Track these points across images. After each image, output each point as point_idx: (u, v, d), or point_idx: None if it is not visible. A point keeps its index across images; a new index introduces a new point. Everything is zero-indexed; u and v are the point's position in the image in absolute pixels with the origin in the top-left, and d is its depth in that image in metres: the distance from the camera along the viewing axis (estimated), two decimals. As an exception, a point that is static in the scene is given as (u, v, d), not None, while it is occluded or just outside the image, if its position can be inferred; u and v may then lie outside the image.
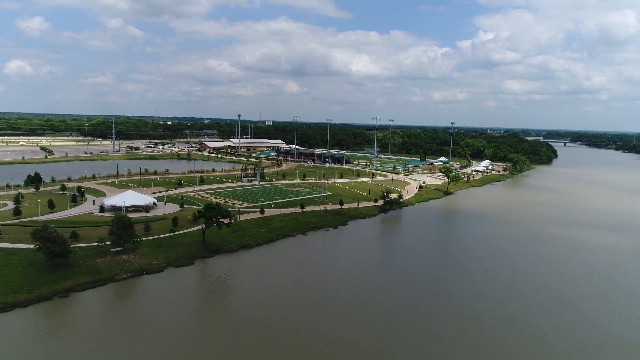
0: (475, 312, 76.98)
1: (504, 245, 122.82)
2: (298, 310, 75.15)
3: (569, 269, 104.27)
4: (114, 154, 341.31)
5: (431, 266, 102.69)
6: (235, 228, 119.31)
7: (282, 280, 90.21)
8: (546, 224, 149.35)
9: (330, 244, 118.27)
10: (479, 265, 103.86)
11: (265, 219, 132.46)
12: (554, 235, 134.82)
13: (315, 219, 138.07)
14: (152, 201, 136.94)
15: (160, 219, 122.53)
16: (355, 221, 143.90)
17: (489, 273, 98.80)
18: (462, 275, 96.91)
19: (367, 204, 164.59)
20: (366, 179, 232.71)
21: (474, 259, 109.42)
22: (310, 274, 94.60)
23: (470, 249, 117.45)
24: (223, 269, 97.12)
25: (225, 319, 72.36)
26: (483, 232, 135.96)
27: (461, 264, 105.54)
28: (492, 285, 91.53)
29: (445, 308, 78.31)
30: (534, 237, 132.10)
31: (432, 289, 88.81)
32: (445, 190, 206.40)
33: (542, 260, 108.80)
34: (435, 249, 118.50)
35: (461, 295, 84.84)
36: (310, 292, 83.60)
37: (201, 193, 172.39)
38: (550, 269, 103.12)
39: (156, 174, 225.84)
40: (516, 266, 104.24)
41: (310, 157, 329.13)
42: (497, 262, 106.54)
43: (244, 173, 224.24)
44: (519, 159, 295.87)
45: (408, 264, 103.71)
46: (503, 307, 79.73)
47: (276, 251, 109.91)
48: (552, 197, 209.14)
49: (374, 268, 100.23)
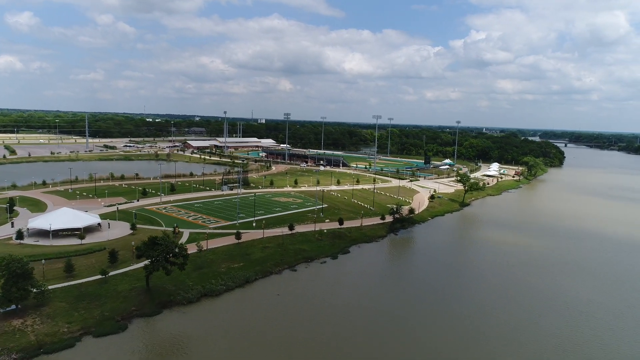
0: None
1: (561, 286, 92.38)
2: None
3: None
4: (85, 154, 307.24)
5: (470, 334, 71.72)
6: (198, 263, 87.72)
7: (260, 353, 59.04)
8: (596, 249, 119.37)
9: (328, 285, 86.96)
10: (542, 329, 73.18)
11: (242, 247, 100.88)
12: (615, 268, 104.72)
13: (308, 245, 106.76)
14: (94, 221, 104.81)
15: (97, 249, 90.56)
16: (359, 247, 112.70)
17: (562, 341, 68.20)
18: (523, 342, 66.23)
19: (372, 221, 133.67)
20: (367, 185, 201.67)
21: (525, 311, 78.73)
22: (301, 342, 63.47)
23: (516, 294, 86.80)
24: (171, 335, 65.49)
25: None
26: (525, 264, 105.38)
27: (514, 324, 74.67)
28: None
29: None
30: (586, 267, 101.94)
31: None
32: (462, 201, 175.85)
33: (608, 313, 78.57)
34: (471, 295, 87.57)
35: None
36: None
37: (168, 206, 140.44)
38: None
39: (123, 179, 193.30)
40: (588, 327, 73.76)
41: (303, 158, 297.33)
42: (560, 318, 76.02)
43: (225, 179, 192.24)
44: (534, 162, 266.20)
45: (437, 323, 72.69)
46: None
47: (252, 300, 78.47)
48: (588, 208, 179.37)
49: (390, 333, 69.08)
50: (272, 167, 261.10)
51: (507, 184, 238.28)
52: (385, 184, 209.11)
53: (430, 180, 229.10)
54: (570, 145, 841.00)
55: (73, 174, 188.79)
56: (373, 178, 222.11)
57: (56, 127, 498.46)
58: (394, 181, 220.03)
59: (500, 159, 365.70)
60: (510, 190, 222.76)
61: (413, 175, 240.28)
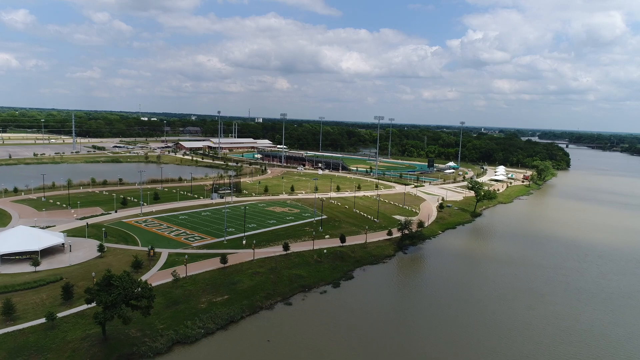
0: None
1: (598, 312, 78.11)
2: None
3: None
4: (71, 155, 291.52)
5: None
6: (173, 296, 72.99)
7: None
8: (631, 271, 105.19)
9: (329, 326, 72.14)
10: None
11: (228, 273, 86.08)
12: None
13: (306, 269, 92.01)
14: (56, 242, 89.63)
15: (52, 280, 75.51)
16: (364, 270, 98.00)
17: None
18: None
19: (377, 236, 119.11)
20: (369, 192, 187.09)
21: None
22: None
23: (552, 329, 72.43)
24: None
25: None
26: (554, 291, 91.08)
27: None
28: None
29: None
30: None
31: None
32: (473, 210, 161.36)
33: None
34: (504, 341, 73.09)
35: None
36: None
37: (149, 218, 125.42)
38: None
39: (105, 184, 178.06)
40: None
41: (300, 161, 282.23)
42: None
43: (216, 184, 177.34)
44: (544, 166, 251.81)
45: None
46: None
47: (236, 348, 63.57)
48: (612, 220, 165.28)
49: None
50: (267, 171, 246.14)
51: (517, 189, 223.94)
52: (389, 191, 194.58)
53: (435, 186, 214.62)
54: (571, 146, 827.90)
55: (53, 178, 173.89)
56: (375, 184, 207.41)
57: (46, 126, 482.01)
58: (397, 187, 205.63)
59: (505, 161, 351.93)
60: (522, 197, 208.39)
61: (417, 180, 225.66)
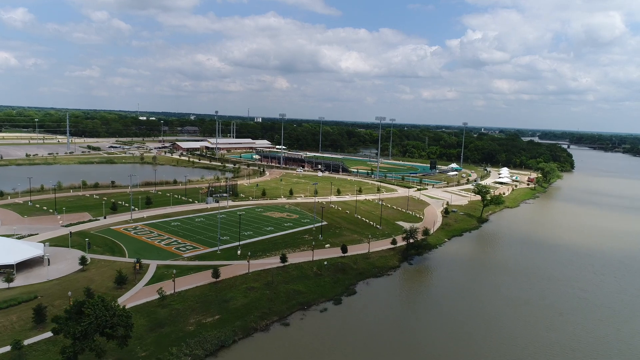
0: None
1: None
2: None
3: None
4: (65, 155, 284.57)
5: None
6: (158, 317, 66.34)
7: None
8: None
9: (330, 348, 65.44)
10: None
11: (220, 288, 79.36)
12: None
13: (304, 283, 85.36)
14: (34, 254, 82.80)
15: (25, 299, 68.73)
16: (367, 283, 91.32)
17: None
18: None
19: (380, 245, 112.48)
20: (371, 195, 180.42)
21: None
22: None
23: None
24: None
25: None
26: (574, 308, 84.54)
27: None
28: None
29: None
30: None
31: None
32: (479, 216, 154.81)
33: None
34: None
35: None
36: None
37: (139, 225, 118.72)
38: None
39: (96, 187, 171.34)
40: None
41: (300, 163, 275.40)
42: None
43: (212, 187, 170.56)
44: (550, 168, 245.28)
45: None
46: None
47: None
48: (628, 226, 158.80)
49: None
50: (265, 173, 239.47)
51: (523, 193, 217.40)
52: (391, 194, 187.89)
53: (439, 189, 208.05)
54: (573, 146, 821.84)
55: (42, 180, 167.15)
56: (377, 187, 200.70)
57: (42, 125, 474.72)
58: (400, 190, 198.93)
59: (508, 163, 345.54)
60: (528, 201, 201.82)
61: (420, 183, 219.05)
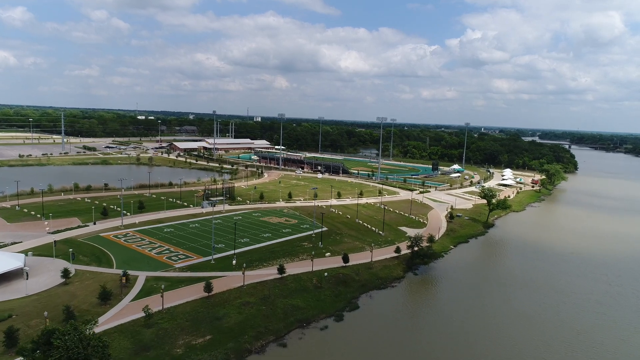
0: None
1: None
2: None
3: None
4: (59, 156, 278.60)
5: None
6: (144, 338, 60.70)
7: None
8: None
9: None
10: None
11: (212, 304, 73.65)
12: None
13: (303, 297, 79.68)
14: (14, 266, 77.05)
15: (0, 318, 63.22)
16: (371, 297, 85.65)
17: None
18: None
19: (383, 253, 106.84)
20: (372, 199, 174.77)
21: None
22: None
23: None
24: None
25: None
26: (596, 325, 78.99)
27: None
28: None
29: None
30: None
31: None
32: (485, 220, 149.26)
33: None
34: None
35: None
36: None
37: (130, 232, 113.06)
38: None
39: (88, 190, 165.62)
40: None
41: (299, 164, 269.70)
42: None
43: (208, 190, 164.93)
44: (555, 170, 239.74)
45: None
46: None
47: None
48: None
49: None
50: (264, 174, 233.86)
51: (528, 196, 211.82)
52: (393, 197, 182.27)
53: (442, 192, 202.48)
54: (574, 146, 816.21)
55: (33, 182, 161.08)
56: (379, 189, 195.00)
57: (38, 125, 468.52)
58: (402, 193, 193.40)
59: (510, 164, 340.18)
60: (534, 205, 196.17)
61: (423, 185, 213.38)
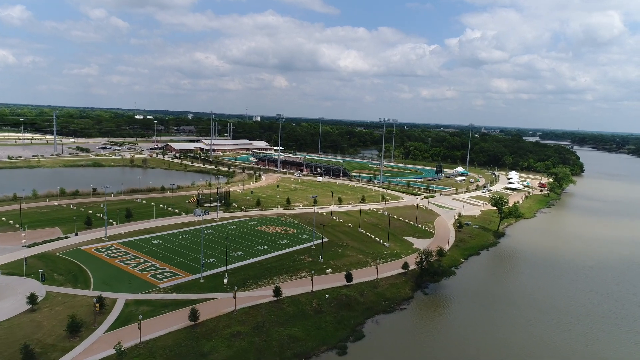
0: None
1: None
2: None
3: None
4: (50, 158, 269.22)
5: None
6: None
7: None
8: None
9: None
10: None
11: (198, 336, 64.67)
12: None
13: (302, 324, 70.71)
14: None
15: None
16: (377, 322, 76.64)
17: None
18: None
19: (389, 268, 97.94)
20: (375, 205, 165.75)
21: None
22: None
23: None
24: None
25: None
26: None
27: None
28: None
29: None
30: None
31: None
32: (495, 229, 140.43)
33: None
34: None
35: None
36: None
37: (114, 244, 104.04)
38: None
39: (76, 195, 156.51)
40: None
41: (298, 166, 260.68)
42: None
43: (202, 196, 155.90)
44: (564, 174, 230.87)
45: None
46: None
47: None
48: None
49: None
50: (261, 177, 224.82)
51: (537, 200, 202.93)
52: (397, 203, 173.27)
53: (447, 197, 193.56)
54: (575, 147, 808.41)
55: (17, 187, 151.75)
56: (382, 194, 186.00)
57: (33, 125, 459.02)
58: (405, 198, 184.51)
59: (515, 166, 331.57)
60: (544, 210, 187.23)
61: (427, 190, 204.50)
